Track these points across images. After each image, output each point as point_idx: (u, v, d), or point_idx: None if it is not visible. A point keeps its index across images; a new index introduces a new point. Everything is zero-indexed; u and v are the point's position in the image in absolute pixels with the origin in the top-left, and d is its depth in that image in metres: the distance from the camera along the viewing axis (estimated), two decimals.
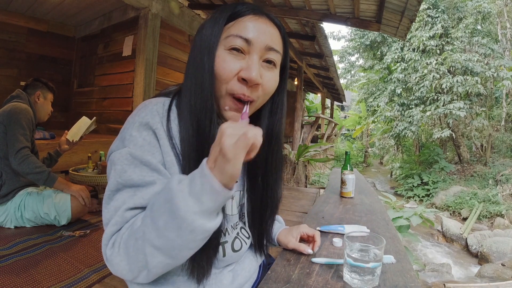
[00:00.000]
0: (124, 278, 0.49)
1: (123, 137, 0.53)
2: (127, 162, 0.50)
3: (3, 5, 3.88)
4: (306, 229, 0.80)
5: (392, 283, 0.62)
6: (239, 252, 0.66)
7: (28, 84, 1.94)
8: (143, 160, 0.51)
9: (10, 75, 4.15)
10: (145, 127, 0.52)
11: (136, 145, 0.51)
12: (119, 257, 0.46)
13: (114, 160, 0.51)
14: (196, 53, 0.56)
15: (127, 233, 0.47)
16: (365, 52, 12.68)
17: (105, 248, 0.49)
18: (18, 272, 1.25)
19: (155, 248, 0.43)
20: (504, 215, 6.40)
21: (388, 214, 1.50)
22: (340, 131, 14.69)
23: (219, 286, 0.61)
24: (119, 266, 0.47)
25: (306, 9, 3.83)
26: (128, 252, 0.46)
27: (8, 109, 1.71)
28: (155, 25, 3.15)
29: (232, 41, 0.53)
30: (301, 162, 4.01)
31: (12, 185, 1.72)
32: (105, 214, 0.51)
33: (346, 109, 24.74)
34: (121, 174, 0.50)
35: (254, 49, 0.54)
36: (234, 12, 0.55)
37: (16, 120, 1.69)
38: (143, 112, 0.54)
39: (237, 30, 0.53)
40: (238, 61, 0.53)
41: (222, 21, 0.55)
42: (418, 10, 2.91)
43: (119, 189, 0.50)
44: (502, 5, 9.72)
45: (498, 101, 10.03)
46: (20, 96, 1.84)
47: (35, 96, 1.92)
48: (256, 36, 0.53)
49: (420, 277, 4.11)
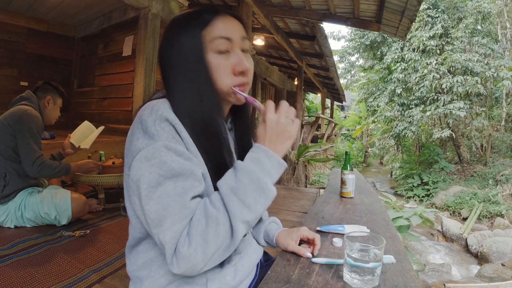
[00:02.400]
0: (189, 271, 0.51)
1: (150, 134, 0.53)
2: (164, 153, 0.52)
3: (3, 5, 3.88)
4: (306, 232, 0.79)
5: (392, 283, 0.62)
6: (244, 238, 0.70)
7: (39, 87, 1.91)
8: (177, 151, 0.53)
9: (10, 75, 4.16)
10: (166, 122, 0.55)
11: (167, 139, 0.54)
12: (196, 249, 0.49)
13: (148, 156, 0.52)
14: (181, 64, 0.60)
15: (204, 222, 0.50)
16: (365, 52, 12.68)
17: (175, 248, 0.50)
18: (18, 272, 1.25)
19: (245, 223, 0.53)
20: (504, 215, 6.40)
21: (388, 214, 1.50)
22: (340, 131, 14.69)
23: (222, 281, 0.63)
24: (193, 258, 0.49)
25: (306, 9, 3.83)
26: (207, 240, 0.50)
27: (18, 114, 1.69)
28: (155, 25, 3.15)
29: (218, 43, 0.60)
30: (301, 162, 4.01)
31: (15, 186, 1.72)
32: (150, 213, 0.51)
33: (346, 109, 24.73)
34: (161, 166, 0.51)
35: (235, 44, 0.62)
36: (204, 17, 0.61)
37: (28, 128, 1.68)
38: (158, 109, 0.56)
39: (218, 32, 0.60)
40: (228, 59, 0.61)
41: (197, 28, 0.60)
42: (418, 10, 2.91)
43: (160, 182, 0.51)
44: (502, 5, 9.72)
45: (498, 101, 10.03)
46: (30, 99, 1.82)
47: (45, 101, 1.90)
48: (232, 32, 0.61)
49: (420, 277, 4.11)
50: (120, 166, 2.25)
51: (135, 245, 0.63)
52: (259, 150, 0.57)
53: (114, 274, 1.31)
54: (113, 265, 1.38)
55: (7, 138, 1.68)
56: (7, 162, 1.69)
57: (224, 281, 0.63)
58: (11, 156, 1.69)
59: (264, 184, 0.53)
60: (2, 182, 1.68)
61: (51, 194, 1.77)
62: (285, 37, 4.81)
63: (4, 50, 4.08)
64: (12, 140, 1.68)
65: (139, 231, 0.61)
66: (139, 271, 0.61)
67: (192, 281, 0.60)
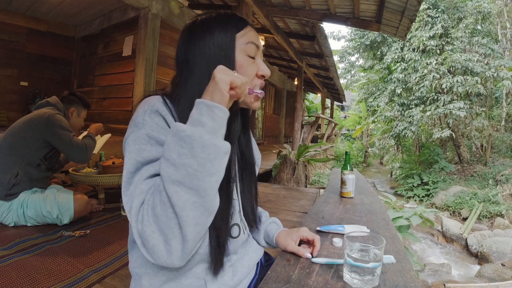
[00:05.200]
0: (160, 260, 0.49)
1: (136, 122, 0.56)
2: (144, 141, 0.54)
3: (3, 5, 3.88)
4: (306, 233, 0.79)
5: (392, 283, 0.62)
6: (237, 239, 0.68)
7: (64, 97, 1.95)
8: (158, 140, 0.55)
9: (10, 75, 4.15)
10: (156, 113, 0.57)
11: (150, 127, 0.55)
12: (150, 227, 0.48)
13: (130, 143, 0.55)
14: (209, 58, 0.62)
15: (152, 198, 0.49)
16: (365, 52, 12.68)
17: (135, 224, 0.49)
18: (18, 272, 1.25)
19: (177, 184, 0.47)
20: (504, 215, 6.40)
21: (388, 214, 1.50)
22: (340, 131, 14.68)
23: (220, 281, 0.63)
24: (152, 240, 0.47)
25: (306, 9, 3.83)
26: (158, 218, 0.47)
27: (46, 116, 1.74)
28: (155, 25, 3.15)
29: (249, 48, 0.65)
30: (301, 162, 4.01)
31: (23, 187, 1.74)
32: (126, 199, 0.52)
33: (346, 109, 24.74)
34: (140, 152, 0.54)
35: (259, 53, 0.69)
36: (240, 23, 0.66)
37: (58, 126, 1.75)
38: (151, 102, 0.58)
39: (251, 38, 0.66)
40: (254, 63, 0.67)
41: (234, 29, 0.64)
42: (418, 10, 2.91)
43: (138, 168, 0.53)
44: (502, 5, 9.72)
45: (498, 101, 10.03)
46: (57, 106, 1.86)
47: (69, 112, 1.95)
48: (259, 43, 0.69)
49: (420, 277, 4.11)
50: (120, 166, 2.25)
51: (135, 241, 0.63)
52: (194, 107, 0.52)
53: (114, 274, 1.31)
54: (113, 265, 1.38)
55: (38, 145, 1.74)
56: (24, 165, 1.73)
57: (222, 281, 0.63)
58: (31, 161, 1.74)
59: (182, 133, 0.48)
60: (12, 181, 1.69)
61: (54, 193, 1.78)
62: (285, 37, 4.81)
63: (4, 50, 4.08)
64: (44, 147, 1.75)
65: None
66: (138, 268, 0.63)
67: (190, 282, 0.60)
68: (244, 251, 0.72)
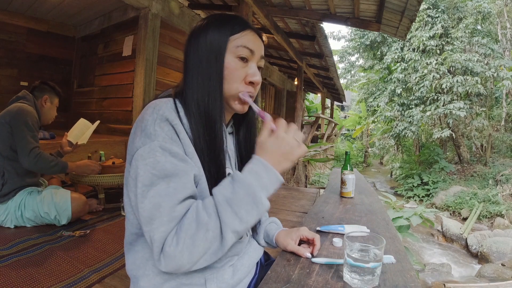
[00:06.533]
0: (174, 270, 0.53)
1: (148, 133, 0.55)
2: (159, 153, 0.54)
3: (3, 5, 3.88)
4: (306, 232, 0.79)
5: (392, 283, 0.62)
6: (241, 240, 0.70)
7: (36, 86, 1.93)
8: (172, 152, 0.55)
9: (10, 75, 4.15)
10: (165, 122, 0.56)
11: (163, 139, 0.55)
12: (182, 251, 0.51)
13: (144, 155, 0.54)
14: (201, 56, 0.64)
15: (194, 226, 0.52)
16: (365, 52, 12.68)
17: (162, 246, 0.51)
18: (18, 272, 1.25)
19: (235, 232, 0.53)
20: (504, 215, 6.40)
21: (388, 214, 1.50)
22: (340, 131, 14.68)
23: (220, 281, 0.63)
24: (178, 259, 0.51)
25: (306, 9, 3.83)
26: (195, 244, 0.51)
27: (14, 110, 1.71)
28: (155, 25, 3.14)
29: (241, 51, 0.64)
30: (301, 162, 4.01)
31: (14, 184, 1.72)
32: (143, 211, 0.52)
33: (346, 109, 24.73)
34: (155, 165, 0.53)
35: (254, 58, 0.67)
36: (237, 26, 0.66)
37: (23, 122, 1.69)
38: (160, 108, 0.58)
39: (245, 42, 0.65)
40: (244, 68, 0.66)
41: (228, 31, 0.65)
42: (418, 10, 2.91)
43: (153, 182, 0.53)
44: (502, 5, 9.72)
45: (498, 101, 10.04)
46: (26, 98, 1.83)
47: (42, 100, 1.91)
48: (256, 48, 0.67)
49: (420, 277, 4.11)
50: (120, 166, 2.25)
51: (132, 243, 0.64)
52: (258, 163, 0.57)
53: (114, 274, 1.31)
54: (113, 265, 1.38)
55: (5, 136, 1.69)
56: (5, 161, 1.70)
57: (222, 280, 0.64)
58: (10, 154, 1.70)
59: (259, 199, 0.54)
60: (0, 181, 1.68)
61: (51, 194, 1.77)
62: (285, 37, 4.81)
63: (4, 50, 4.08)
64: (10, 138, 1.69)
65: (136, 227, 0.62)
66: (136, 270, 0.62)
67: (190, 281, 0.61)
68: (244, 251, 0.73)
